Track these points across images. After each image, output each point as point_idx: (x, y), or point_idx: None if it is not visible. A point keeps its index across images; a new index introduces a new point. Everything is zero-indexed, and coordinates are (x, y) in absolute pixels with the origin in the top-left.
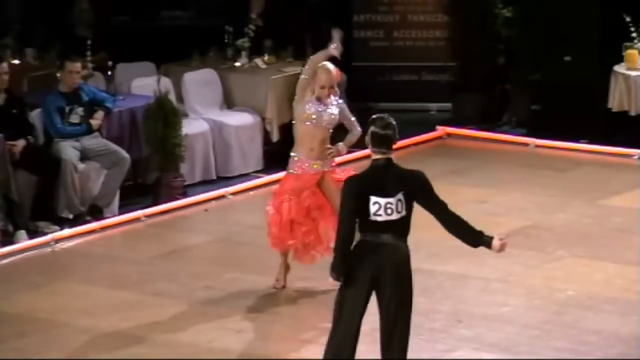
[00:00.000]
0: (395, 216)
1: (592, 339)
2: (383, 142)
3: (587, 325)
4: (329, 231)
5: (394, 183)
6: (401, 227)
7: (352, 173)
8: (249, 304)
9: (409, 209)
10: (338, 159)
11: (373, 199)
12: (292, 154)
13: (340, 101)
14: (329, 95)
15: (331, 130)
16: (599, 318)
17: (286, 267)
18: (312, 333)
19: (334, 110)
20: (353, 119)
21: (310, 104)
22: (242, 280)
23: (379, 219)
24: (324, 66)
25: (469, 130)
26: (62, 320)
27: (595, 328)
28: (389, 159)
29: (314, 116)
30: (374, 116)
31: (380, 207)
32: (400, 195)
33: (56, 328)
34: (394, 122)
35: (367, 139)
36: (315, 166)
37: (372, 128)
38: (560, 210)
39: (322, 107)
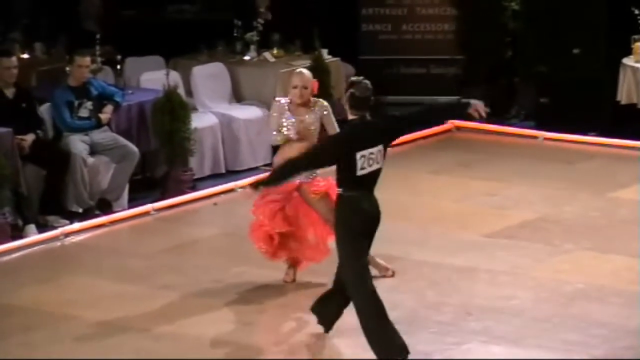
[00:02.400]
0: (375, 167)
1: (600, 332)
2: (362, 104)
3: (595, 317)
4: (318, 237)
5: (373, 137)
6: (375, 179)
7: (334, 183)
8: (257, 297)
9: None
10: None
11: (359, 154)
12: (276, 159)
13: (325, 105)
14: (302, 98)
15: (315, 138)
16: (606, 310)
17: (294, 266)
18: (321, 327)
19: (309, 119)
20: (336, 128)
21: (284, 117)
22: (250, 274)
23: (363, 172)
24: (296, 69)
25: (477, 123)
26: (70, 314)
27: (603, 320)
28: (364, 117)
29: (285, 129)
30: (352, 79)
31: (365, 160)
32: (380, 147)
33: (64, 321)
34: (371, 86)
35: (346, 100)
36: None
37: (352, 91)
38: (569, 203)
39: (293, 118)
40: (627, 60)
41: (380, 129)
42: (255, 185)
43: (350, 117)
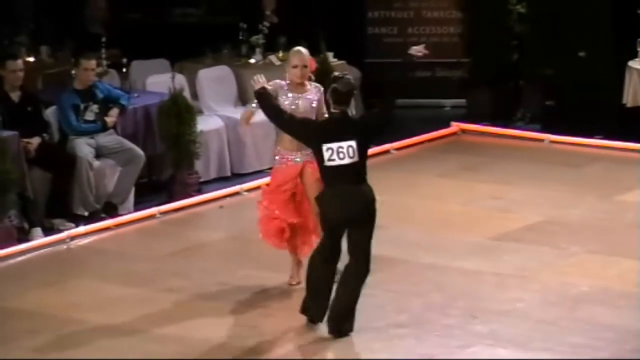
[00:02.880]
0: (346, 161)
1: (607, 335)
2: (343, 99)
3: (602, 320)
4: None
5: (347, 131)
6: (352, 172)
7: None
8: (263, 300)
9: (362, 156)
10: None
11: (325, 146)
12: (277, 147)
13: (319, 86)
14: (302, 78)
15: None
16: (613, 313)
17: (298, 264)
18: (326, 329)
19: (312, 96)
20: (325, 114)
21: (284, 96)
22: (256, 277)
23: (332, 164)
24: (294, 48)
25: (483, 126)
26: (75, 317)
27: (610, 323)
28: (345, 112)
29: (290, 107)
30: (335, 74)
31: (333, 152)
32: (352, 142)
33: (70, 325)
34: (352, 81)
35: (328, 95)
36: (296, 159)
37: (334, 86)
38: (575, 205)
39: (296, 96)
40: (633, 63)
41: (356, 126)
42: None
43: (332, 110)
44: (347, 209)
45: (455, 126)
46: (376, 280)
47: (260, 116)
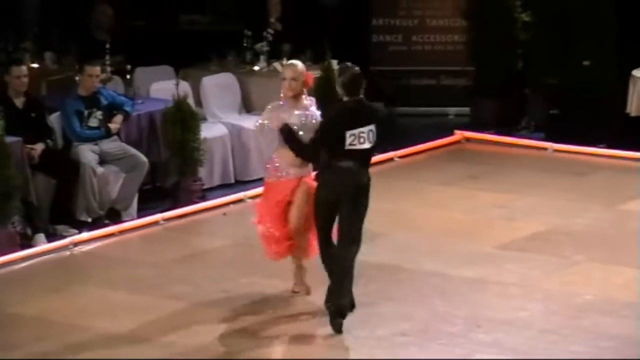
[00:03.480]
0: (366, 145)
1: (610, 344)
2: (353, 89)
3: (605, 329)
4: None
5: (365, 117)
6: (367, 157)
7: None
8: (266, 308)
9: (375, 141)
10: None
11: (349, 133)
12: (274, 159)
13: (313, 109)
14: (295, 92)
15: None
16: (616, 322)
17: (301, 269)
18: (331, 336)
19: (306, 111)
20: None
21: (286, 115)
22: (259, 284)
23: (353, 148)
24: (289, 62)
25: (487, 135)
26: (79, 324)
27: (613, 332)
28: (358, 99)
29: (300, 121)
30: (340, 66)
31: (355, 138)
32: (371, 127)
33: (74, 331)
34: (358, 69)
35: (339, 88)
36: (291, 172)
37: (341, 79)
38: (579, 214)
39: (288, 112)
40: (637, 72)
41: (372, 112)
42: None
43: (345, 99)
44: (348, 181)
45: (459, 134)
46: (379, 288)
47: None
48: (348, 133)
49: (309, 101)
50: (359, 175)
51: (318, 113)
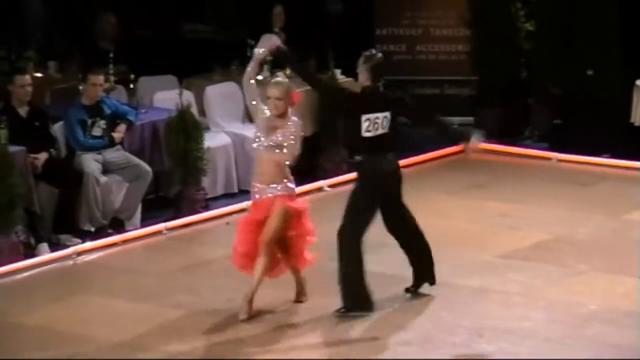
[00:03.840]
0: (380, 132)
1: (613, 353)
2: (375, 75)
3: (609, 339)
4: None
5: (381, 104)
6: (385, 143)
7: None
8: (270, 317)
9: (392, 128)
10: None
11: (364, 117)
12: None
13: (299, 124)
14: (277, 110)
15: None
16: (620, 332)
17: (302, 280)
18: (334, 344)
19: (284, 132)
20: (296, 152)
21: (257, 126)
22: (262, 293)
23: (368, 135)
24: (274, 80)
25: (491, 144)
26: (82, 333)
27: (617, 342)
28: (375, 86)
29: (256, 139)
30: (366, 53)
31: (370, 123)
32: (386, 113)
33: (76, 340)
34: (381, 55)
35: (363, 74)
36: (269, 192)
37: (366, 66)
38: (582, 224)
39: (273, 129)
40: None
41: (389, 99)
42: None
43: (364, 84)
44: (386, 174)
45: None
46: (383, 298)
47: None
48: (364, 117)
49: (292, 122)
50: (390, 164)
51: (300, 133)
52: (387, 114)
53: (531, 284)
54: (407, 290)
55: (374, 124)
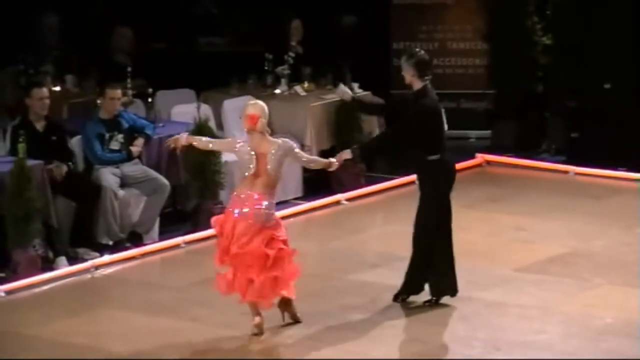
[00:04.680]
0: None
1: None
2: (426, 69)
3: (625, 352)
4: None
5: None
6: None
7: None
8: (284, 330)
9: None
10: None
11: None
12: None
13: (286, 145)
14: (249, 128)
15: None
16: (636, 345)
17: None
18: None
19: (271, 153)
20: (304, 158)
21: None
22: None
23: (446, 129)
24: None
25: (508, 158)
26: (99, 346)
27: (633, 355)
28: (430, 81)
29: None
30: (408, 51)
31: (444, 122)
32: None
33: (93, 354)
34: (424, 52)
35: (410, 70)
36: (235, 212)
37: (412, 61)
38: (599, 237)
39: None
40: None
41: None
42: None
43: (418, 84)
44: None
45: (480, 157)
46: (399, 310)
47: None
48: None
49: (277, 145)
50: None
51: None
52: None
53: (547, 297)
54: (427, 302)
55: (445, 122)
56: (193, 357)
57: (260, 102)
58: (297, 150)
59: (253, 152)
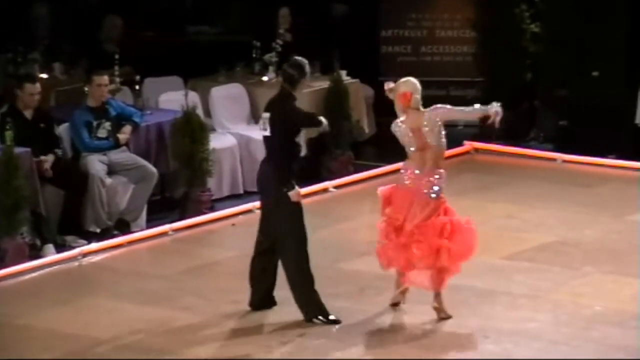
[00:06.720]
0: None
1: (619, 355)
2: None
3: (614, 341)
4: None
5: None
6: None
7: None
8: (276, 319)
9: None
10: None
11: None
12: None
13: None
14: (403, 106)
15: None
16: (626, 334)
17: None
18: (342, 343)
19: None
20: (457, 110)
21: None
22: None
23: None
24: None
25: (496, 146)
26: (88, 335)
27: (623, 344)
28: None
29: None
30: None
31: None
32: None
33: (82, 342)
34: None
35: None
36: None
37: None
38: (588, 226)
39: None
40: None
41: None
42: None
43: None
44: None
45: (468, 145)
46: (388, 299)
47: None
48: None
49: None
50: None
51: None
52: None
53: (537, 285)
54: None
55: None
56: (186, 347)
57: (412, 79)
58: (441, 110)
59: (411, 133)
